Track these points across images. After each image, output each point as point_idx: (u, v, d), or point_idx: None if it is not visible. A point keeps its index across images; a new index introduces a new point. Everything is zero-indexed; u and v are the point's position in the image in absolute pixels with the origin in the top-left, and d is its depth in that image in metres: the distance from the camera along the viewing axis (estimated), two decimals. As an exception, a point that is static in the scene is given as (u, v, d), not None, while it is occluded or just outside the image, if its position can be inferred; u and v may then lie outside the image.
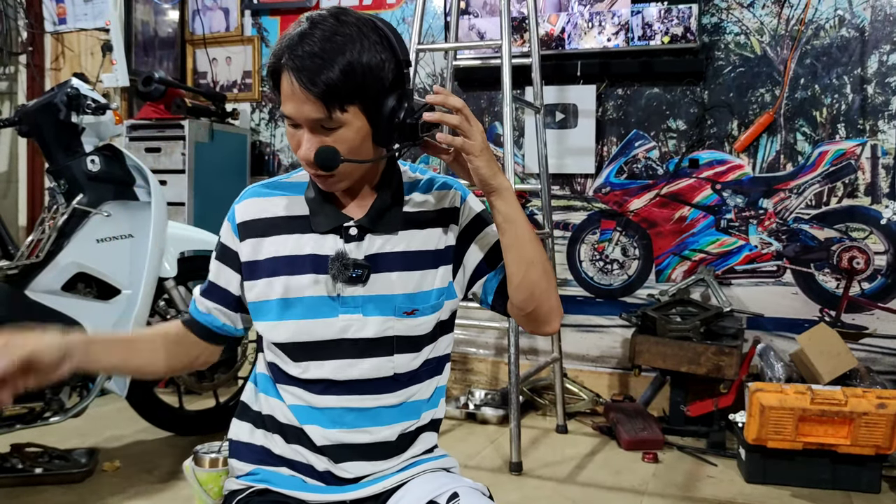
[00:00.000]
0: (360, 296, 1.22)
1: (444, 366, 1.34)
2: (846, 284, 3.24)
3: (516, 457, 2.75)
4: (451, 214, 1.28)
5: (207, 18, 4.25)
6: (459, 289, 1.30)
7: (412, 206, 1.27)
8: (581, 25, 3.46)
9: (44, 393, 2.42)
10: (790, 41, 3.28)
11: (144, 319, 2.62)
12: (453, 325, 1.34)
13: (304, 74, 1.09)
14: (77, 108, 2.52)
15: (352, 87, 1.10)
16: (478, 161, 1.16)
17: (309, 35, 1.10)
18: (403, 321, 1.23)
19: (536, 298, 1.24)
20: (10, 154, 4.32)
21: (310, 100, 1.10)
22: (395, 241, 1.24)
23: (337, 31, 1.10)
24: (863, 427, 2.56)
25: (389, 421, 1.25)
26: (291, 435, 1.25)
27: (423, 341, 1.26)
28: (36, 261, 2.49)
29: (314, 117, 1.12)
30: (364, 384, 1.23)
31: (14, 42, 4.22)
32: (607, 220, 3.59)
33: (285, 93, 1.13)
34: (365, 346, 1.22)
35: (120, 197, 2.60)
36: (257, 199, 1.27)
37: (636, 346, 3.14)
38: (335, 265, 1.20)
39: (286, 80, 1.11)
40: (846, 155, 3.23)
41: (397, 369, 1.24)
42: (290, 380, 1.25)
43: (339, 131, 1.13)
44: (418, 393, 1.28)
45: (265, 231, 1.25)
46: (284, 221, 1.25)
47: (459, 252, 1.29)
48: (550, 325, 1.28)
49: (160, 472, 2.67)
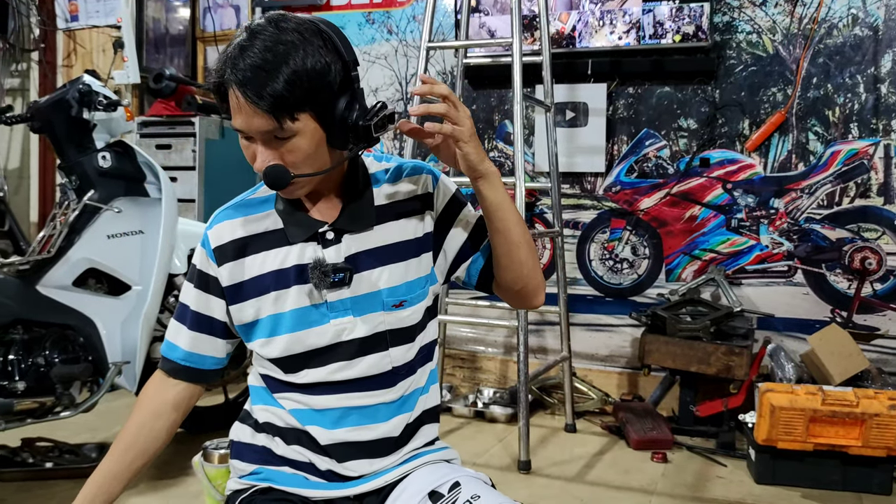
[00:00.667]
0: (346, 298, 1.22)
1: (434, 350, 1.35)
2: (858, 285, 3.22)
3: (525, 455, 2.75)
4: (426, 200, 1.28)
5: (218, 16, 4.26)
6: (440, 273, 1.31)
7: (383, 199, 1.26)
8: (592, 24, 3.45)
9: (55, 388, 2.43)
10: (803, 40, 3.26)
11: (154, 315, 2.62)
12: (437, 310, 1.35)
13: (250, 89, 1.07)
14: (89, 105, 2.53)
15: (299, 95, 1.08)
16: (467, 147, 1.16)
17: (249, 47, 1.09)
18: (393, 314, 1.24)
19: (524, 277, 1.26)
20: (21, 151, 4.34)
21: (258, 113, 1.09)
22: (372, 237, 1.24)
23: (278, 40, 1.09)
24: (874, 428, 2.55)
25: (391, 415, 1.25)
26: (292, 437, 1.25)
27: (416, 331, 1.27)
28: (47, 256, 2.50)
29: (265, 129, 1.11)
30: (363, 382, 1.23)
31: (26, 39, 4.24)
32: (617, 218, 3.58)
33: (233, 107, 1.12)
34: (360, 346, 1.22)
35: (131, 193, 2.61)
36: (229, 222, 1.26)
37: (646, 345, 3.13)
38: (315, 273, 1.19)
39: (232, 95, 1.10)
40: (859, 155, 3.21)
41: (395, 362, 1.24)
42: (287, 387, 1.25)
43: (293, 140, 1.12)
44: (415, 383, 1.28)
45: (243, 251, 1.24)
46: (260, 238, 1.24)
47: (439, 237, 1.29)
48: (537, 299, 1.32)
49: (169, 467, 2.68)
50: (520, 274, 1.26)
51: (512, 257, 1.24)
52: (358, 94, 1.14)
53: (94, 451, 2.67)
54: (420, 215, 1.27)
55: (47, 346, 2.45)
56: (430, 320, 1.32)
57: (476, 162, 1.17)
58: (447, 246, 1.29)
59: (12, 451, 2.60)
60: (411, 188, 1.27)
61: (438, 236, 1.29)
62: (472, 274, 1.31)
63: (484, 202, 1.21)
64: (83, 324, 2.50)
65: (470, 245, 1.29)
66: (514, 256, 1.24)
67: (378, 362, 1.23)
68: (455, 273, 1.32)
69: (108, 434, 2.98)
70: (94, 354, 2.51)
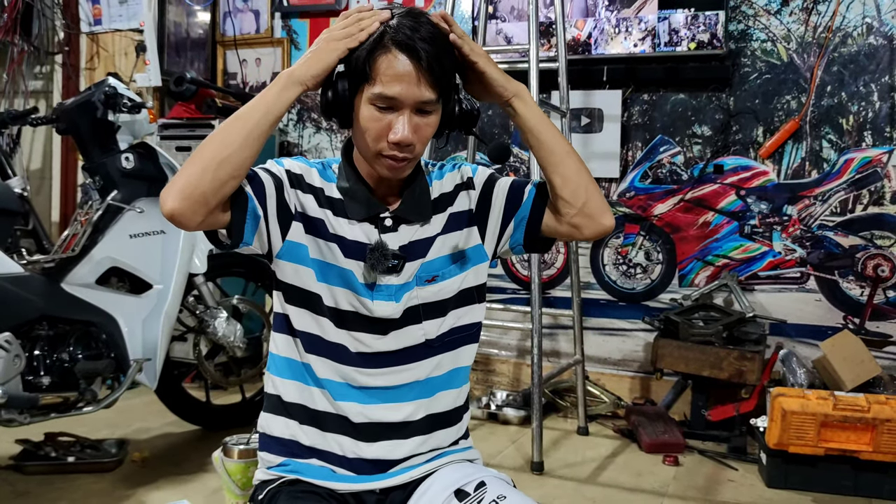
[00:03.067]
0: (393, 285, 1.25)
1: (478, 334, 1.36)
2: (871, 292, 3.23)
3: (538, 457, 2.78)
4: (467, 183, 1.34)
5: (238, 20, 4.31)
6: (491, 244, 1.33)
7: (435, 192, 1.32)
8: (608, 31, 3.48)
9: (78, 383, 2.48)
10: (817, 48, 3.28)
11: (175, 314, 2.67)
12: (484, 295, 1.36)
13: (431, 56, 1.15)
14: (114, 107, 2.57)
15: (450, 78, 1.20)
16: (489, 67, 1.23)
17: (419, 24, 1.16)
18: (426, 289, 1.28)
19: (584, 188, 1.25)
20: (43, 152, 4.41)
21: (424, 82, 1.15)
22: (427, 228, 1.29)
23: (430, 24, 1.18)
24: (885, 434, 2.56)
25: (421, 395, 1.28)
26: (323, 420, 1.27)
27: (448, 305, 1.29)
28: (72, 255, 2.56)
29: (424, 99, 1.17)
30: (398, 354, 1.26)
31: (51, 42, 4.31)
32: (631, 224, 3.61)
33: (395, 73, 1.15)
34: (396, 322, 1.26)
35: (153, 194, 2.65)
36: (308, 167, 1.29)
37: (658, 349, 3.15)
38: (374, 255, 1.23)
39: (401, 59, 1.15)
40: (872, 162, 3.23)
41: (428, 335, 1.28)
42: (323, 348, 1.26)
43: (432, 116, 1.20)
44: (448, 361, 1.31)
45: (305, 189, 1.27)
46: (323, 196, 1.27)
47: (481, 212, 1.32)
48: (606, 217, 1.27)
49: (188, 464, 2.72)
50: (577, 186, 1.25)
51: (563, 170, 1.25)
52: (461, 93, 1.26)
53: (113, 447, 2.71)
54: (465, 198, 1.33)
55: (71, 343, 2.50)
56: (477, 303, 1.34)
57: (503, 81, 1.24)
58: (492, 211, 1.32)
59: (35, 445, 2.65)
60: (456, 181, 1.34)
61: (481, 211, 1.32)
62: (518, 228, 1.31)
63: (520, 120, 1.26)
64: (106, 321, 2.55)
65: (513, 196, 1.31)
66: (564, 169, 1.25)
67: (413, 333, 1.27)
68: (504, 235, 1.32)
69: (128, 430, 3.03)
70: (115, 351, 2.56)
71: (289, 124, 4.26)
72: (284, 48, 4.23)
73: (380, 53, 1.15)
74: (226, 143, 1.13)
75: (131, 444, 2.83)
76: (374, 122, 1.18)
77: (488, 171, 1.36)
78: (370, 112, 1.18)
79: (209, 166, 1.12)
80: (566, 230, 1.28)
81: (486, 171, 1.35)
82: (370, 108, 1.18)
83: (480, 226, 1.32)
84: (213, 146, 1.13)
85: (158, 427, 3.10)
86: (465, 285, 1.31)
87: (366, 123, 1.19)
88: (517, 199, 1.31)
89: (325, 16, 4.10)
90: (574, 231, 1.27)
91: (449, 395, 1.33)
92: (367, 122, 1.19)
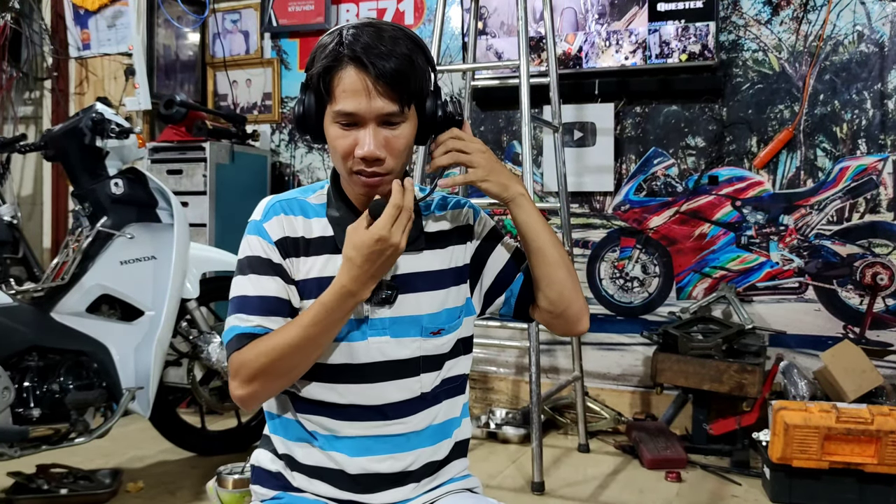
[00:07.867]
0: (387, 317, 1.22)
1: (465, 385, 1.34)
2: (870, 301, 3.21)
3: (538, 476, 2.74)
4: (467, 232, 1.31)
5: (227, 41, 4.30)
6: (477, 303, 1.32)
7: (431, 226, 1.29)
8: (598, 44, 3.47)
9: (69, 414, 2.44)
10: (809, 57, 3.27)
11: (167, 340, 2.64)
12: (472, 345, 1.35)
13: (383, 68, 1.11)
14: (101, 133, 2.55)
15: (415, 85, 1.15)
16: (486, 184, 1.22)
17: (377, 35, 1.13)
18: (430, 341, 1.24)
19: (566, 298, 1.26)
20: (34, 178, 4.39)
21: (383, 94, 1.11)
22: (420, 261, 1.25)
23: (403, 35, 1.15)
24: (890, 446, 2.53)
25: (419, 445, 1.25)
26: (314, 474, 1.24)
27: (444, 358, 1.27)
28: (61, 283, 2.52)
29: (385, 112, 1.13)
30: (393, 407, 1.23)
31: (39, 67, 4.30)
32: (627, 237, 3.59)
33: (350, 88, 1.12)
34: (393, 369, 1.22)
35: (143, 219, 2.63)
36: (284, 217, 1.24)
37: (658, 364, 3.12)
38: None
39: (351, 75, 1.12)
40: (867, 170, 3.21)
41: (424, 388, 1.25)
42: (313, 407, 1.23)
43: (402, 127, 1.16)
44: (442, 413, 1.28)
45: (296, 251, 1.23)
46: (311, 242, 1.24)
47: (476, 267, 1.30)
48: (582, 324, 1.30)
49: (183, 492, 2.68)
50: (561, 294, 1.26)
51: (551, 277, 1.25)
52: (441, 98, 1.21)
53: (107, 477, 2.67)
54: (462, 246, 1.30)
55: (62, 373, 2.46)
56: (464, 354, 1.32)
57: (500, 191, 1.22)
58: (484, 275, 1.31)
59: (27, 478, 2.60)
60: (455, 219, 1.31)
61: (476, 266, 1.30)
62: (510, 300, 1.31)
63: (516, 223, 1.25)
64: (97, 350, 2.52)
65: (507, 270, 1.30)
66: (553, 277, 1.25)
67: (409, 386, 1.24)
68: (493, 303, 1.32)
69: (122, 459, 2.99)
70: (107, 380, 2.52)
71: (280, 144, 4.24)
72: (275, 68, 4.22)
73: (334, 70, 1.13)
74: (300, 365, 1.18)
75: (126, 474, 2.78)
76: (340, 139, 1.16)
77: (491, 223, 1.33)
78: (336, 130, 1.16)
79: (288, 377, 1.19)
80: (543, 320, 1.31)
81: (489, 224, 1.33)
82: (335, 126, 1.16)
83: (472, 281, 1.31)
84: (289, 362, 1.17)
85: (153, 455, 3.05)
86: (461, 336, 1.30)
87: (333, 142, 1.17)
88: (510, 274, 1.31)
89: (314, 35, 4.08)
90: (548, 326, 1.32)
91: (454, 433, 1.32)
92: (334, 141, 1.17)
